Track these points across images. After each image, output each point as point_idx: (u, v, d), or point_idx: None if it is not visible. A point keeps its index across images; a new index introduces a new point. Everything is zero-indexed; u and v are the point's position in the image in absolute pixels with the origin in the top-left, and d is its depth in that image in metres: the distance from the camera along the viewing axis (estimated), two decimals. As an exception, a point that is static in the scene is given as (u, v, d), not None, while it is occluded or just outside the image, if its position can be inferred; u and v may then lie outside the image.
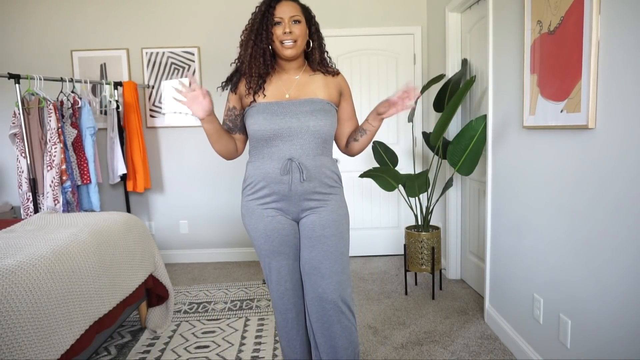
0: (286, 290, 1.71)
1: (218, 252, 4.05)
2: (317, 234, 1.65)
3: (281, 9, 1.59)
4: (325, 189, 1.66)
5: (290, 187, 1.62)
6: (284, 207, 1.65)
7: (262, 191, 1.65)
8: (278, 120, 1.60)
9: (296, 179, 1.61)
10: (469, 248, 3.19)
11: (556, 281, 1.87)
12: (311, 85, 1.69)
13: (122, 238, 2.29)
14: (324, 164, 1.66)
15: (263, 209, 1.66)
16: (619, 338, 1.51)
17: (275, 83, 1.68)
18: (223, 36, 3.82)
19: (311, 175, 1.62)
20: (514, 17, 2.18)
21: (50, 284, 1.67)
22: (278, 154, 1.62)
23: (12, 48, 3.82)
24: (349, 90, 1.78)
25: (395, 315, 2.75)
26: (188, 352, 2.35)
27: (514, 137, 2.23)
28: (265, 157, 1.64)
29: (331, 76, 1.72)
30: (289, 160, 1.60)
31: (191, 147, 3.95)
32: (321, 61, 1.71)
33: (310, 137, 1.62)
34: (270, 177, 1.62)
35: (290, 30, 1.59)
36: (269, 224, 1.65)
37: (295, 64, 1.69)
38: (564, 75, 1.72)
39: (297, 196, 1.63)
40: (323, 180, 1.65)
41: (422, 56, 3.82)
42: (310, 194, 1.64)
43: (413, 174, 3.10)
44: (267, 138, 1.62)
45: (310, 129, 1.61)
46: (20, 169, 3.04)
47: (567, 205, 1.78)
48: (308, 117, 1.61)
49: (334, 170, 1.70)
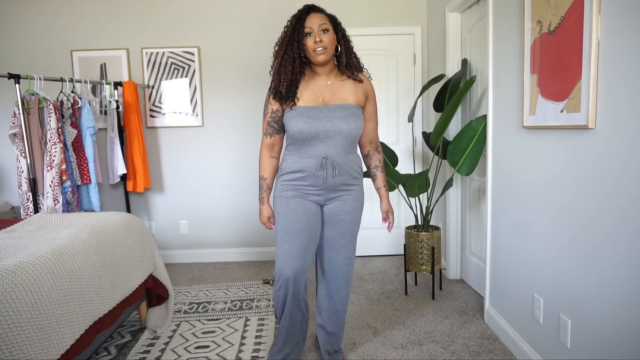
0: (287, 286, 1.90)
1: (218, 252, 4.05)
2: (339, 217, 1.97)
3: (311, 20, 1.82)
4: (351, 181, 1.96)
5: (326, 180, 1.91)
6: (315, 195, 1.94)
7: (300, 181, 1.92)
8: (316, 123, 1.84)
9: (329, 174, 1.90)
10: (469, 248, 3.19)
11: (556, 281, 1.87)
12: (342, 91, 1.92)
13: (122, 238, 2.28)
14: (352, 160, 1.95)
15: (297, 192, 1.93)
16: (619, 338, 1.51)
17: (311, 88, 1.91)
18: (223, 36, 3.82)
19: (342, 170, 1.91)
20: (514, 17, 2.18)
21: (50, 284, 1.67)
22: (315, 152, 1.88)
23: (12, 48, 3.83)
24: (374, 93, 2.03)
25: (395, 315, 2.75)
26: (188, 352, 2.35)
27: (514, 137, 2.23)
28: (304, 154, 1.90)
29: (359, 82, 1.95)
30: (324, 159, 1.88)
31: (191, 147, 3.95)
32: (349, 63, 1.92)
33: (343, 139, 1.88)
34: (308, 170, 1.90)
35: (321, 39, 1.81)
36: (299, 204, 1.92)
37: (327, 68, 1.91)
38: (564, 75, 1.72)
39: (328, 187, 1.93)
40: (350, 174, 1.95)
41: (422, 56, 3.82)
42: (340, 185, 1.94)
43: (413, 174, 3.10)
44: (305, 138, 1.87)
45: (343, 131, 1.86)
46: (20, 169, 3.04)
47: (567, 205, 1.78)
48: (341, 122, 1.86)
49: (358, 165, 2.00)
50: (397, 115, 3.89)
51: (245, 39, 3.82)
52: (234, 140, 3.94)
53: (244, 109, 3.87)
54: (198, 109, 3.89)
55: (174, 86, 3.88)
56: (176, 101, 3.90)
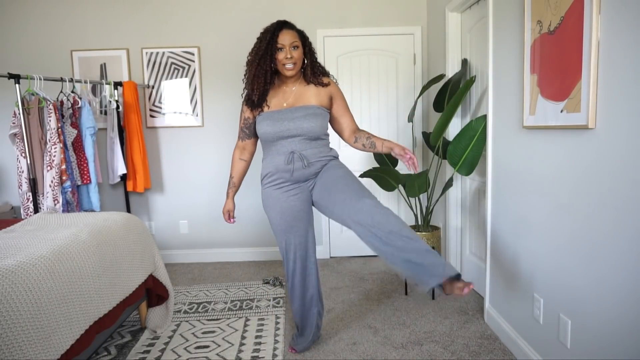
0: (295, 258, 2.17)
1: (218, 252, 4.05)
2: (331, 180, 2.05)
3: (283, 37, 1.99)
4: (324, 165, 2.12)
5: (293, 172, 2.06)
6: (294, 188, 2.10)
7: (275, 179, 2.10)
8: (279, 124, 2.03)
9: (299, 166, 2.05)
10: (469, 248, 3.19)
11: (556, 281, 1.87)
12: (305, 95, 2.11)
13: (122, 238, 2.28)
14: (320, 152, 2.11)
15: (279, 193, 2.11)
16: (619, 338, 1.51)
17: (277, 95, 2.11)
18: (223, 36, 3.82)
19: (310, 161, 2.07)
20: (514, 17, 2.18)
21: (50, 284, 1.67)
22: (282, 150, 2.06)
23: (12, 48, 3.83)
24: (340, 92, 2.20)
25: (395, 315, 2.75)
26: (188, 352, 2.35)
27: (514, 137, 2.23)
28: (274, 153, 2.10)
29: (322, 87, 2.13)
30: (292, 153, 2.05)
31: (191, 147, 3.95)
32: (313, 74, 2.12)
33: (305, 135, 2.05)
34: (279, 167, 2.08)
35: (291, 55, 2.00)
36: (284, 204, 2.10)
37: (293, 78, 2.11)
38: (564, 75, 1.72)
39: (303, 177, 2.09)
40: (322, 162, 2.11)
41: (422, 56, 3.82)
42: (314, 174, 2.10)
43: (413, 174, 3.10)
44: (272, 138, 2.06)
45: (304, 129, 2.03)
46: (20, 169, 3.04)
47: (567, 205, 1.78)
48: (302, 120, 2.03)
49: (329, 154, 2.15)
50: (397, 115, 3.89)
51: (245, 39, 3.77)
52: (234, 140, 3.90)
53: (244, 109, 3.87)
54: (198, 109, 3.89)
55: (174, 86, 3.88)
56: (176, 101, 3.90)
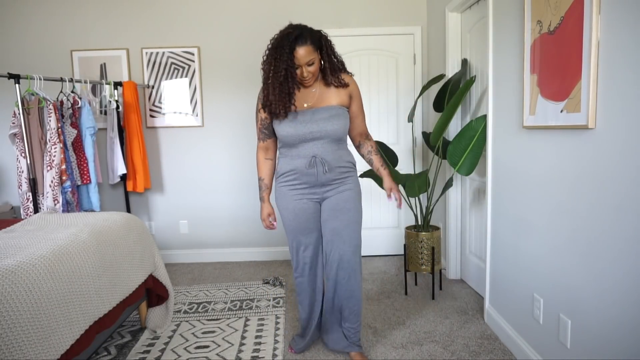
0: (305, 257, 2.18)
1: (218, 252, 4.05)
2: (340, 206, 2.07)
3: (298, 55, 1.89)
4: (343, 175, 2.09)
5: (317, 177, 2.04)
6: (310, 192, 2.09)
7: (294, 180, 2.08)
8: (301, 127, 1.99)
9: (320, 171, 2.03)
10: (469, 248, 3.19)
11: (556, 281, 1.87)
12: (326, 94, 2.06)
13: (122, 238, 2.28)
14: (341, 157, 2.07)
15: (294, 194, 2.09)
16: (619, 338, 1.51)
17: (298, 95, 2.03)
18: (223, 36, 3.82)
19: (331, 167, 2.04)
20: (514, 17, 2.18)
21: (50, 284, 1.67)
22: (304, 153, 2.03)
23: (12, 48, 3.83)
24: (358, 91, 2.15)
25: (395, 315, 2.75)
26: (188, 352, 2.35)
27: (514, 137, 2.23)
28: (294, 155, 2.05)
29: (342, 87, 2.06)
30: (313, 157, 2.02)
31: (191, 147, 3.95)
32: (332, 74, 2.03)
33: (328, 138, 2.02)
34: (299, 169, 2.05)
35: (307, 72, 1.94)
36: (297, 205, 2.09)
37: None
38: (564, 75, 1.72)
39: (321, 184, 2.06)
40: (341, 169, 2.07)
41: (422, 56, 3.82)
42: (331, 181, 2.07)
43: (413, 174, 3.10)
44: (294, 141, 2.02)
45: (328, 131, 2.00)
46: (20, 169, 3.04)
47: (567, 205, 1.78)
48: (326, 123, 1.99)
49: (349, 160, 2.12)
50: (397, 115, 3.89)
51: (246, 39, 3.82)
52: (234, 140, 3.94)
53: (244, 109, 3.87)
54: (198, 109, 3.89)
55: (174, 86, 3.88)
56: (176, 101, 3.90)
